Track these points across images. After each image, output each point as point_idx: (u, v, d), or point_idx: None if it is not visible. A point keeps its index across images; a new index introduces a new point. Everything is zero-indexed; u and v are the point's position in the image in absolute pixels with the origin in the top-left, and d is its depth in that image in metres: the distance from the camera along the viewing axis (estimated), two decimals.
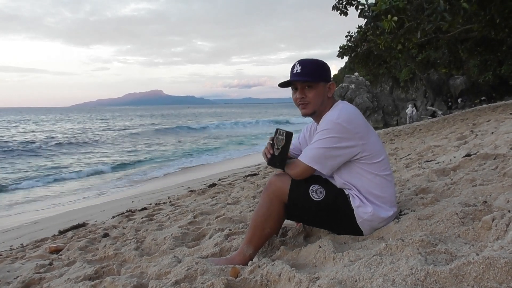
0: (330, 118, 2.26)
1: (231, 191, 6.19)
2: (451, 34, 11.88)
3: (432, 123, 14.23)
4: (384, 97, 39.33)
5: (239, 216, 3.74)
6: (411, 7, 8.93)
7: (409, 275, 1.54)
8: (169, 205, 5.95)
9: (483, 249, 1.70)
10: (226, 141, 31.18)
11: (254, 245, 2.35)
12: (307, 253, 2.22)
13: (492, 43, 15.31)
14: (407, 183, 3.62)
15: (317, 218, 2.39)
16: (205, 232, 3.44)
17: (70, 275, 2.73)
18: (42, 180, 14.30)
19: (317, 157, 2.25)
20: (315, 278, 1.78)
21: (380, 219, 2.30)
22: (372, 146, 2.30)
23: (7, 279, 3.01)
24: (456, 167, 3.85)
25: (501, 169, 3.26)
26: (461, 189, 2.91)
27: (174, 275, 2.22)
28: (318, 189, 2.32)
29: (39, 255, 3.77)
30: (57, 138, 30.43)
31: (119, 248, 3.35)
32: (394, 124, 31.76)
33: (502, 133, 5.47)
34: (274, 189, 2.33)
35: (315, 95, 2.36)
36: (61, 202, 10.12)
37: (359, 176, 2.31)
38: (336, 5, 12.27)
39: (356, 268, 1.76)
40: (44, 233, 5.48)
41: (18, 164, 19.01)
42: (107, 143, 29.73)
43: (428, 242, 1.88)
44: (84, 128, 46.59)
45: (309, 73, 2.33)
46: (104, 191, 11.54)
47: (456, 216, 2.17)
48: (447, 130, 9.31)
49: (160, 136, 36.49)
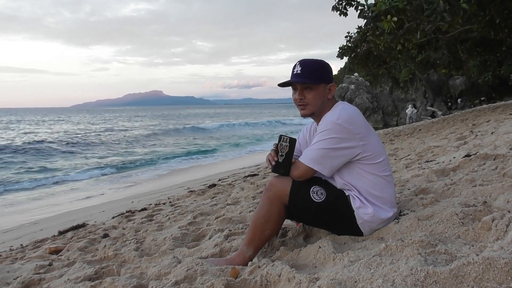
0: (331, 119, 2.25)
1: (231, 191, 6.18)
2: (450, 35, 11.89)
3: (432, 124, 14.23)
4: (384, 97, 39.34)
5: (239, 217, 3.74)
6: (411, 8, 8.93)
7: (409, 276, 1.54)
8: (169, 205, 5.95)
9: (483, 249, 1.70)
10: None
11: (254, 246, 2.35)
12: (307, 254, 2.22)
13: (492, 43, 15.31)
14: (407, 184, 3.62)
15: (318, 219, 2.39)
16: (205, 233, 3.44)
17: (70, 276, 2.73)
18: (43, 181, 14.25)
19: (318, 158, 2.25)
20: (315, 278, 1.78)
21: (380, 220, 2.30)
22: (372, 147, 2.30)
23: (6, 279, 3.01)
24: (456, 167, 3.85)
25: (501, 169, 3.26)
26: (461, 190, 2.91)
27: (174, 275, 2.22)
28: (319, 190, 2.31)
29: (39, 255, 3.77)
30: (58, 139, 30.24)
31: (119, 249, 3.35)
32: (394, 125, 31.78)
33: (502, 134, 5.47)
34: (275, 190, 2.32)
35: (315, 97, 2.35)
36: (61, 202, 10.11)
37: (360, 177, 2.31)
38: (336, 6, 12.28)
39: (356, 269, 1.76)
40: (44, 234, 5.47)
41: (20, 164, 18.95)
42: (109, 143, 29.58)
43: (428, 242, 1.88)
44: (86, 129, 46.23)
45: (309, 74, 2.32)
46: (103, 192, 11.51)
47: (456, 216, 2.17)
48: (447, 130, 9.32)
49: (165, 136, 36.24)
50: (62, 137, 33.05)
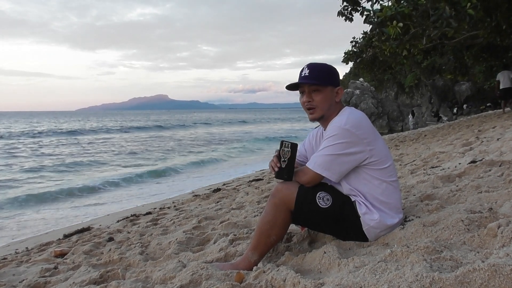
0: (338, 124, 2.26)
1: (235, 196, 6.19)
2: (456, 40, 11.87)
3: (437, 129, 14.18)
4: (389, 102, 39.25)
5: (243, 221, 3.74)
6: (417, 13, 8.94)
7: (414, 282, 1.54)
8: (174, 209, 5.96)
9: (489, 256, 1.69)
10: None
11: (259, 252, 2.35)
12: (312, 259, 2.22)
13: (498, 49, 15.29)
14: (412, 189, 3.61)
15: (323, 225, 2.39)
16: (209, 237, 3.44)
17: (75, 279, 2.74)
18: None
19: (326, 164, 2.25)
20: (320, 284, 1.78)
21: (385, 226, 2.30)
22: (379, 152, 2.30)
23: (12, 282, 3.03)
24: (462, 173, 3.84)
25: (507, 176, 3.25)
26: (466, 196, 2.90)
27: (179, 279, 2.22)
28: (325, 196, 2.31)
29: (44, 259, 3.79)
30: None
31: (124, 253, 3.35)
32: (399, 130, 31.68)
33: (508, 140, 5.44)
34: (281, 196, 2.32)
35: (322, 99, 2.36)
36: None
37: (366, 182, 2.30)
38: (341, 11, 12.29)
39: (361, 274, 1.76)
40: (49, 237, 5.50)
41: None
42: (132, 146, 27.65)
43: (434, 248, 1.88)
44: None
45: (317, 76, 2.33)
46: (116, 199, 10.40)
47: (461, 223, 2.16)
48: (452, 136, 9.28)
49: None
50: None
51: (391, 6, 9.03)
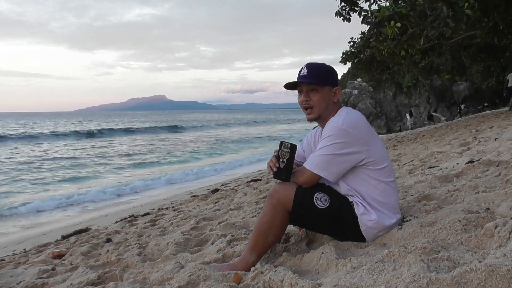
0: (335, 124, 2.26)
1: (233, 196, 6.19)
2: (454, 40, 11.90)
3: (435, 129, 14.20)
4: (387, 103, 39.35)
5: (241, 222, 3.74)
6: (414, 14, 8.95)
7: (411, 282, 1.54)
8: (172, 210, 5.96)
9: (486, 256, 1.70)
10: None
11: (257, 253, 2.35)
12: (310, 260, 2.22)
13: (495, 49, 15.34)
14: (410, 190, 3.62)
15: (321, 225, 2.39)
16: (207, 238, 3.44)
17: (72, 281, 2.74)
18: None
19: (323, 163, 2.25)
20: (317, 284, 1.78)
21: (383, 227, 2.30)
22: (377, 152, 2.30)
23: (10, 284, 3.02)
24: (459, 173, 3.84)
25: (504, 176, 3.25)
26: (464, 196, 2.90)
27: (176, 281, 2.22)
28: (322, 196, 2.31)
29: (42, 260, 3.78)
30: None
31: (122, 254, 3.35)
32: (397, 130, 31.75)
33: (505, 140, 5.45)
34: (278, 197, 2.32)
35: (320, 99, 2.36)
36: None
37: (364, 182, 2.31)
38: (339, 11, 12.31)
39: (358, 275, 1.76)
40: (47, 238, 5.48)
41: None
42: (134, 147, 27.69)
43: (431, 249, 1.88)
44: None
45: (315, 76, 2.33)
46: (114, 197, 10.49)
47: (458, 223, 2.16)
48: (450, 136, 9.30)
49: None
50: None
51: (389, 6, 9.04)
